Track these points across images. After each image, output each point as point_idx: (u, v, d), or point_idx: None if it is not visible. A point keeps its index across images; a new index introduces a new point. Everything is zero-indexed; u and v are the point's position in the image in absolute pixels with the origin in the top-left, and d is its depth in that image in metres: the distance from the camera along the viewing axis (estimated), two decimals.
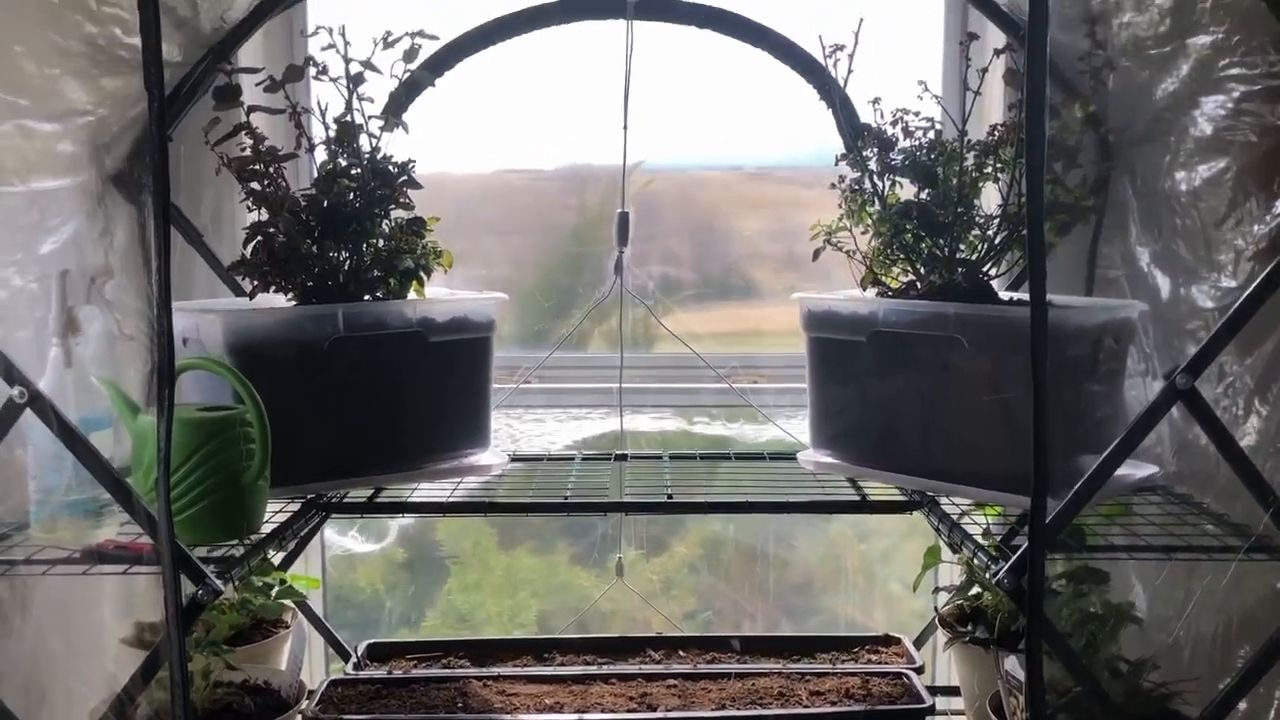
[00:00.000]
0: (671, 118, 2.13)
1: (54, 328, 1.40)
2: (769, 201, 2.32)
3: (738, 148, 2.23)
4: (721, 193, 2.31)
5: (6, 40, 1.36)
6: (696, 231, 2.32)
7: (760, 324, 2.35)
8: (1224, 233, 1.53)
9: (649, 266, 2.24)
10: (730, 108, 2.15)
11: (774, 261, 2.32)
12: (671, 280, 2.28)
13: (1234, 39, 1.37)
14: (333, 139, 1.70)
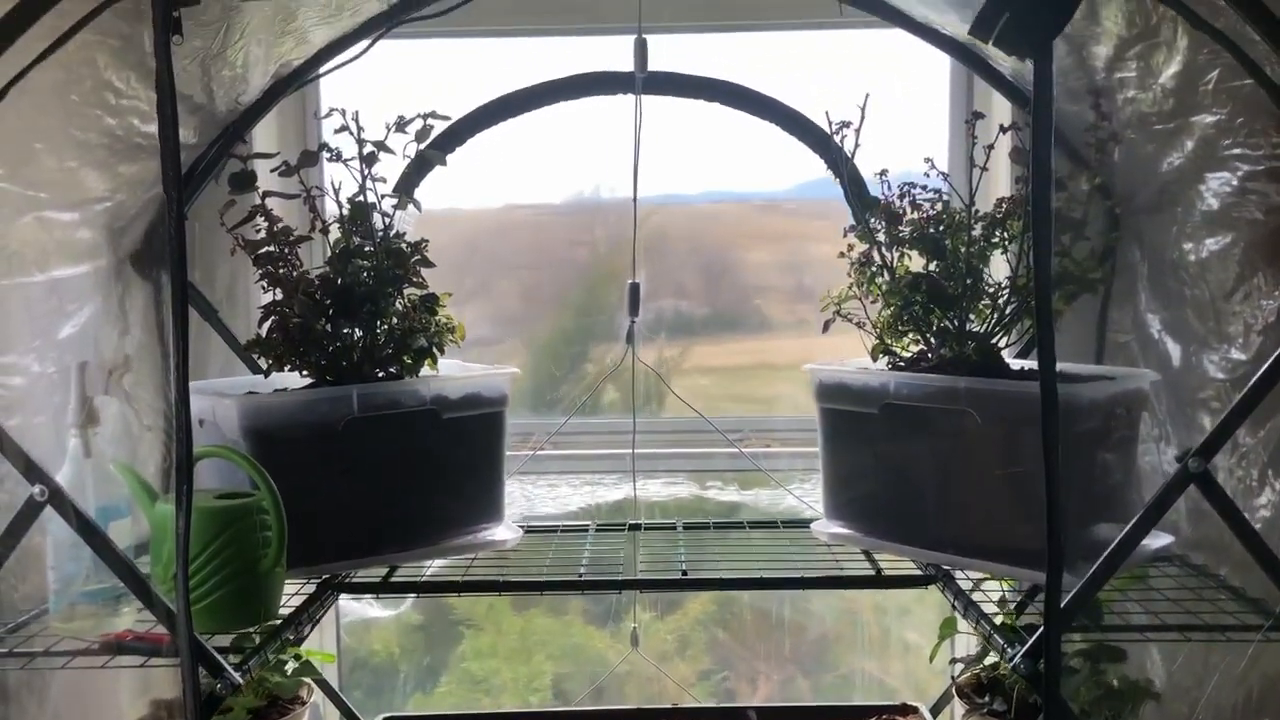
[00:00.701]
0: (679, 150, 2.13)
1: (73, 419, 1.42)
2: (778, 233, 2.33)
3: (745, 180, 2.23)
4: (730, 225, 2.32)
5: (28, 138, 1.38)
6: (706, 264, 2.33)
7: (771, 357, 2.35)
8: (1233, 304, 1.53)
9: (659, 300, 2.25)
10: (738, 140, 2.14)
11: (784, 293, 2.33)
12: (682, 313, 2.29)
13: (1237, 120, 1.38)
14: (346, 217, 1.72)
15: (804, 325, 2.31)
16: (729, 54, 2.17)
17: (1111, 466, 1.63)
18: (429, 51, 2.19)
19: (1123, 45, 1.49)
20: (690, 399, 2.11)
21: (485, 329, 2.34)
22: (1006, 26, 1.09)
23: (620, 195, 2.04)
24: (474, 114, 1.93)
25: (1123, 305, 1.88)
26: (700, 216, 2.31)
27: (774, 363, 2.35)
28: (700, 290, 2.33)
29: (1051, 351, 1.18)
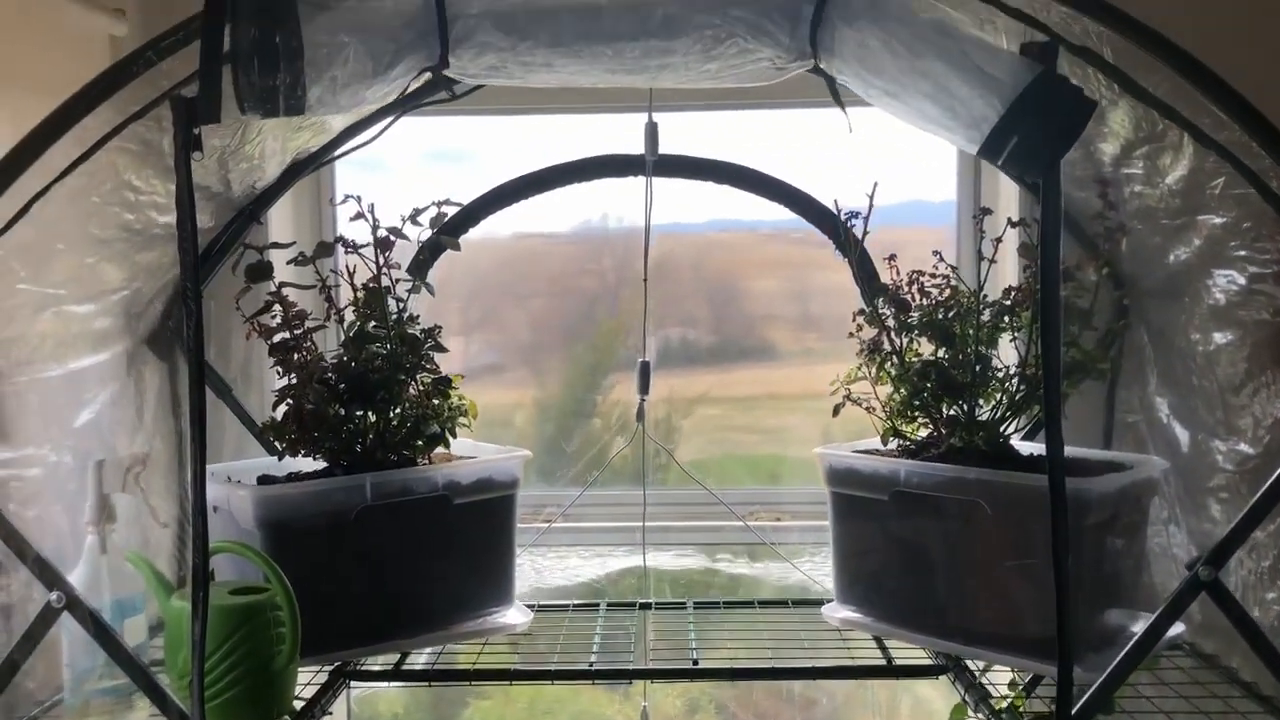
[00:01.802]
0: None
1: (90, 516, 1.43)
2: (784, 262, 2.33)
3: (752, 208, 2.20)
4: (736, 253, 2.32)
5: (49, 240, 1.40)
6: (712, 292, 2.33)
7: (778, 387, 2.35)
8: (1241, 398, 1.54)
9: (666, 329, 2.26)
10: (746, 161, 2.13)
11: (790, 322, 2.33)
12: (688, 342, 2.29)
13: (1243, 224, 1.39)
14: (361, 301, 1.73)
15: (810, 354, 2.31)
16: (738, 129, 2.19)
17: (1121, 553, 1.64)
18: (444, 125, 2.21)
19: (1129, 146, 1.51)
20: (697, 432, 2.10)
21: (493, 357, 2.35)
22: (1015, 149, 1.11)
23: (628, 224, 2.05)
24: (486, 197, 1.95)
25: (1131, 385, 1.89)
26: (706, 244, 2.31)
27: (781, 393, 2.35)
28: (706, 319, 2.33)
29: (1061, 467, 1.18)
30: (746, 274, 2.33)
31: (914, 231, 2.22)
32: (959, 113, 1.12)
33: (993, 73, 1.11)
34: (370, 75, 1.15)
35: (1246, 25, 1.80)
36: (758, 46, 1.18)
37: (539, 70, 1.19)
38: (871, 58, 1.15)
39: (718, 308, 2.33)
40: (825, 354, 2.24)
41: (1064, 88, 1.10)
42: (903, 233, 2.18)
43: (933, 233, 2.22)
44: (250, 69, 1.11)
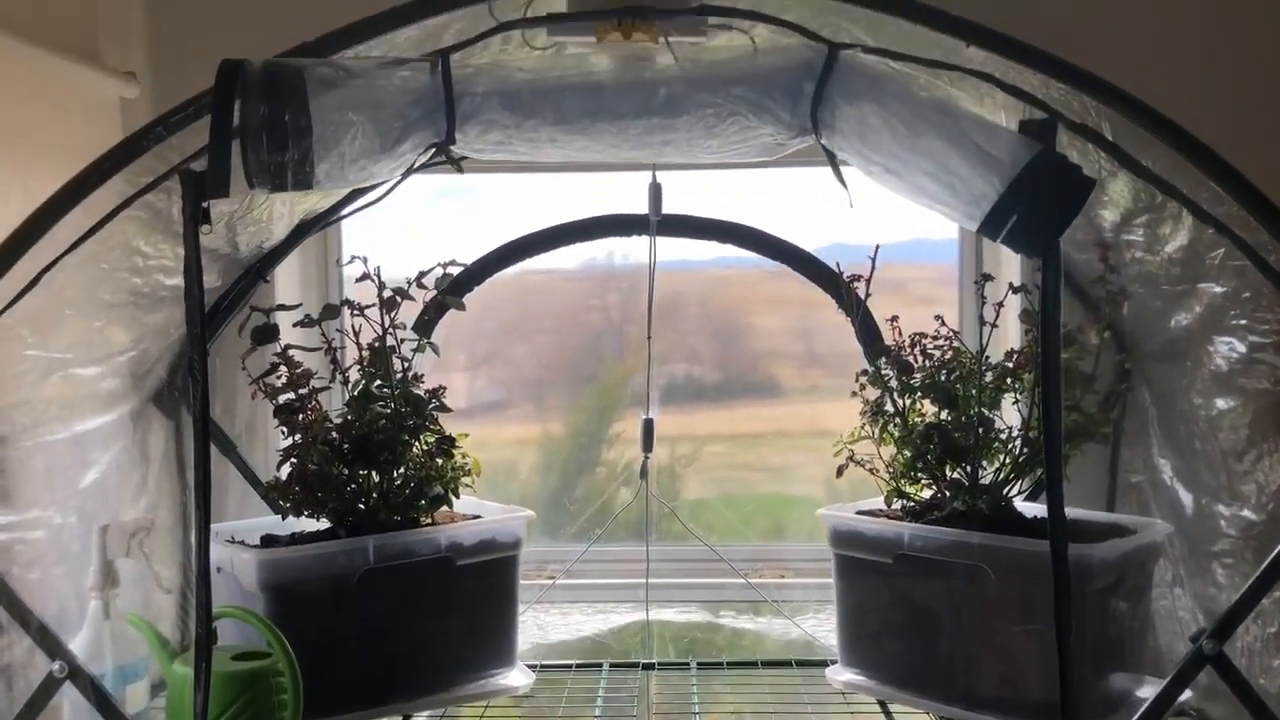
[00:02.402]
0: (690, 213, 2.09)
1: (94, 581, 1.43)
2: (789, 299, 2.32)
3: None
4: (742, 290, 2.32)
5: (58, 307, 1.41)
6: (717, 329, 2.33)
7: (784, 424, 2.34)
8: (1245, 464, 1.54)
9: (671, 365, 2.25)
10: (749, 205, 2.14)
11: (795, 359, 2.33)
12: (693, 379, 2.29)
13: (1243, 294, 1.40)
14: (366, 361, 1.74)
15: (815, 391, 2.31)
16: (741, 177, 2.20)
17: (1125, 616, 1.64)
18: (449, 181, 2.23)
19: (1130, 214, 1.52)
20: (702, 470, 2.10)
21: (498, 393, 2.35)
22: (1014, 228, 1.12)
23: (634, 261, 2.05)
24: (489, 257, 1.97)
25: (1134, 446, 1.89)
26: (711, 281, 2.31)
27: (787, 430, 2.34)
28: (712, 355, 2.33)
29: (1064, 539, 1.18)
30: (752, 310, 2.33)
31: (917, 269, 2.23)
32: (959, 190, 1.13)
33: (992, 151, 1.12)
34: (378, 151, 1.17)
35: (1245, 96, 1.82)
36: (759, 124, 1.19)
37: (544, 146, 1.20)
38: (872, 135, 1.17)
39: (723, 344, 2.34)
40: (830, 391, 2.24)
41: (1063, 167, 1.12)
42: (906, 270, 2.20)
43: (936, 269, 2.23)
44: (259, 146, 1.13)
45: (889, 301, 1.90)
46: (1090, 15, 1.85)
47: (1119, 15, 1.87)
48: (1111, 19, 1.86)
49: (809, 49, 1.18)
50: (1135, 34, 1.85)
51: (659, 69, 1.20)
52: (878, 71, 1.17)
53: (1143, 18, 1.87)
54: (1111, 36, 1.82)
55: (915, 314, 2.22)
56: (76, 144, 1.75)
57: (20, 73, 1.55)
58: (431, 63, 1.18)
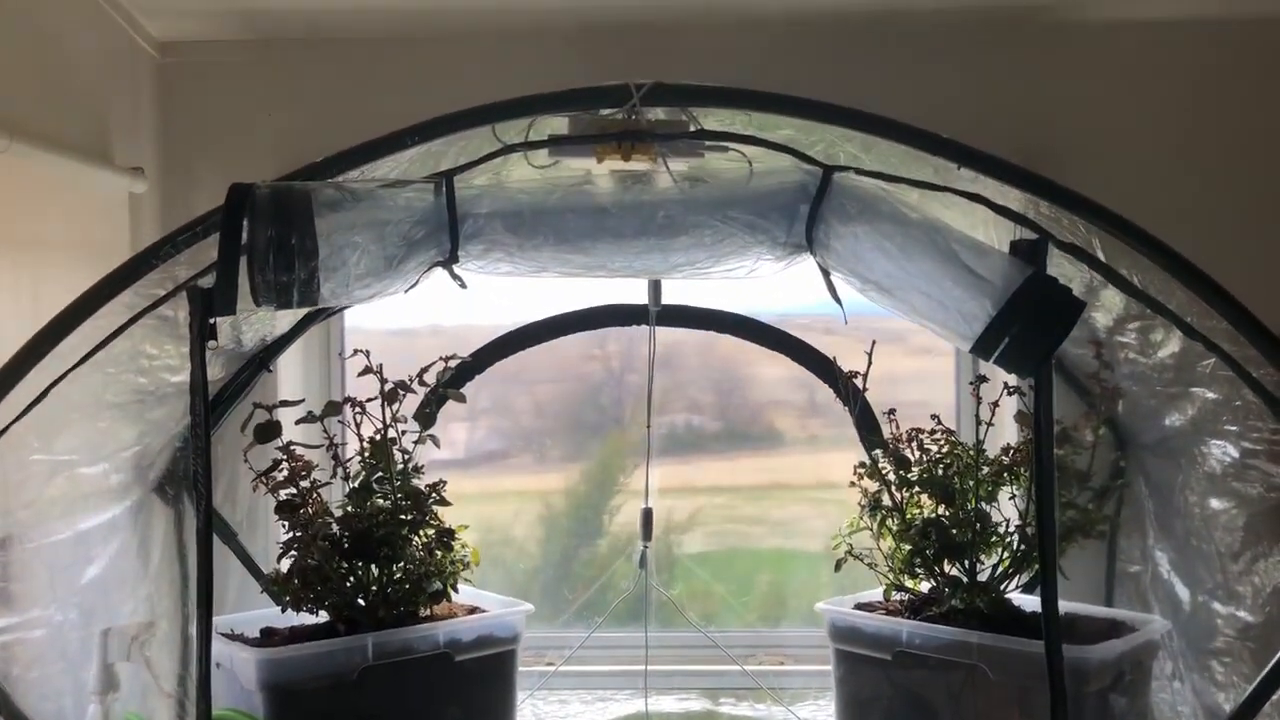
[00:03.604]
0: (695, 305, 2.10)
1: (94, 685, 1.44)
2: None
3: (757, 295, 2.19)
4: (741, 340, 2.26)
5: (64, 412, 1.43)
6: (717, 379, 2.33)
7: (784, 475, 2.34)
8: (1240, 565, 1.55)
9: (671, 415, 2.26)
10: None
11: (795, 409, 2.32)
12: (694, 429, 2.29)
13: (1234, 402, 1.42)
14: (367, 454, 1.75)
15: (816, 441, 2.31)
16: None
17: (1124, 711, 1.63)
18: None
19: (1122, 319, 1.54)
20: (704, 523, 2.12)
21: (498, 443, 2.36)
22: (1006, 349, 1.14)
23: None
24: (490, 348, 1.99)
25: (1131, 535, 1.90)
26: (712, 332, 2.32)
27: (788, 482, 2.34)
28: (712, 405, 2.33)
29: (1059, 657, 1.19)
30: (752, 360, 2.31)
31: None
32: (950, 311, 1.15)
33: (983, 273, 1.14)
34: (383, 270, 1.19)
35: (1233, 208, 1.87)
36: (755, 243, 1.22)
37: (546, 263, 1.23)
38: (865, 254, 1.19)
39: (723, 394, 2.34)
40: (831, 441, 2.25)
41: (1054, 290, 1.14)
42: (905, 321, 2.19)
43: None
44: (266, 267, 1.15)
45: (889, 351, 1.90)
46: (1079, 131, 1.90)
47: (1109, 129, 1.92)
48: (1101, 133, 1.91)
49: (804, 171, 1.21)
50: (1124, 147, 1.90)
51: (658, 191, 1.23)
52: (871, 193, 1.20)
53: (1131, 131, 1.92)
54: (1100, 151, 1.88)
55: (915, 364, 2.24)
56: (86, 240, 1.79)
57: (32, 175, 1.59)
58: (435, 184, 1.21)
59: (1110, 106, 1.94)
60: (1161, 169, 1.89)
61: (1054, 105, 1.94)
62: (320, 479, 1.72)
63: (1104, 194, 1.26)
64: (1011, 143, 1.30)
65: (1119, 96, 1.94)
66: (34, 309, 1.49)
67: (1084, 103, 1.94)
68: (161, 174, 1.94)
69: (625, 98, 1.21)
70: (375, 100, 1.95)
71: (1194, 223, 1.39)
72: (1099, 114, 1.94)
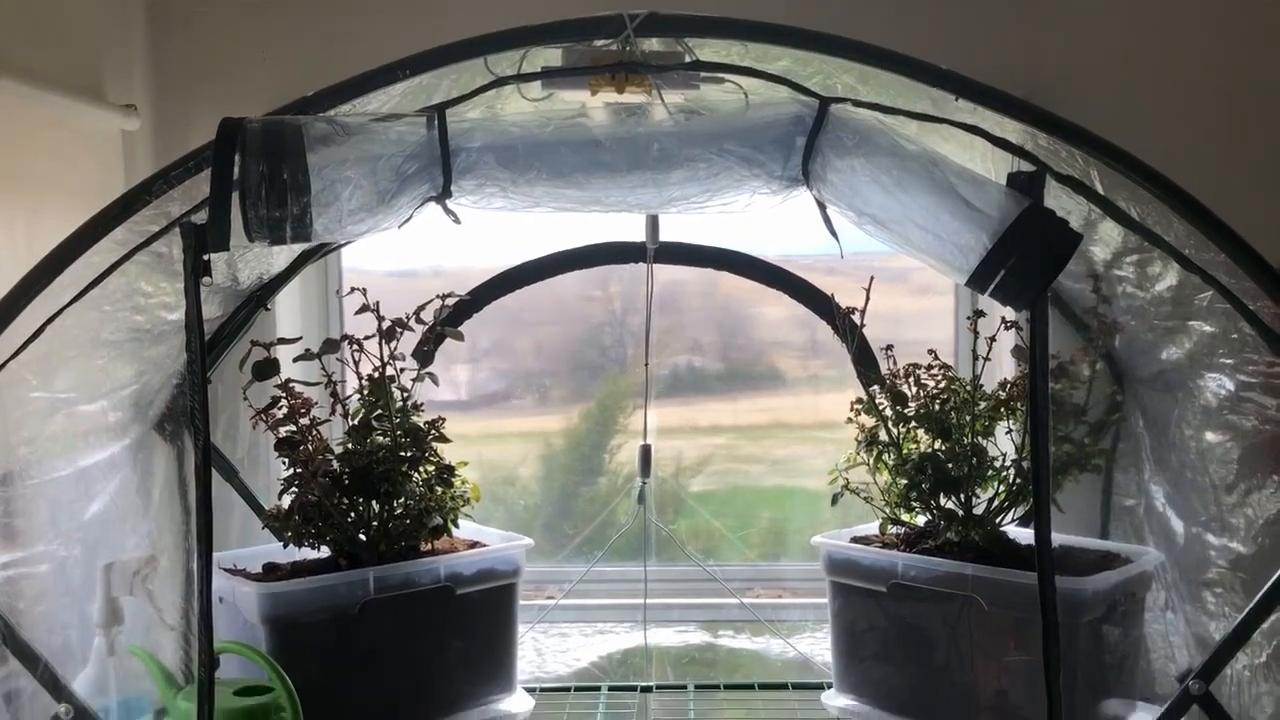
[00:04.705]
0: (693, 241, 2.10)
1: (98, 619, 1.46)
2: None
3: (758, 236, 2.20)
4: (744, 280, 2.28)
5: (61, 350, 1.43)
6: (720, 320, 2.35)
7: (785, 415, 2.36)
8: (1234, 497, 1.56)
9: (673, 357, 2.27)
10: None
11: (797, 349, 2.34)
12: (696, 370, 2.31)
13: (1231, 335, 1.42)
14: (366, 392, 1.76)
15: (817, 381, 2.33)
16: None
17: (1118, 643, 1.66)
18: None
19: (1120, 253, 1.54)
20: (706, 463, 2.15)
21: (500, 384, 2.37)
22: (1002, 282, 1.14)
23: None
24: (488, 285, 1.98)
25: (1127, 470, 1.91)
26: (714, 271, 2.26)
27: (788, 421, 2.36)
28: (714, 346, 2.35)
29: (1052, 589, 1.20)
30: (754, 301, 2.33)
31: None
32: (946, 244, 1.15)
33: (980, 206, 1.13)
34: (375, 205, 1.18)
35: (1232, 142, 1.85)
36: (750, 176, 1.21)
37: (540, 198, 1.22)
38: (862, 188, 1.18)
39: (725, 335, 2.35)
40: (832, 381, 2.26)
41: (1050, 221, 1.13)
42: (907, 260, 2.18)
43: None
44: (259, 202, 1.15)
45: (891, 291, 1.90)
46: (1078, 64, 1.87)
47: (1106, 64, 1.89)
48: (1099, 67, 1.89)
49: (800, 103, 1.20)
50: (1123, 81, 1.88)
51: (652, 124, 1.22)
52: (868, 125, 1.19)
53: (1129, 65, 1.90)
54: (1099, 84, 1.85)
55: (917, 304, 2.24)
56: (79, 178, 1.78)
57: (23, 113, 1.57)
58: (428, 117, 1.20)
59: (1111, 40, 1.92)
60: (1160, 103, 1.87)
61: (1055, 38, 1.91)
62: (319, 417, 1.73)
63: (1103, 128, 1.25)
64: (1011, 76, 1.28)
65: (1120, 30, 1.92)
66: (28, 248, 1.49)
67: (1085, 36, 1.91)
68: (155, 111, 1.92)
69: (619, 28, 1.20)
70: (368, 35, 1.93)
71: (1193, 158, 1.38)
72: (1100, 48, 1.91)
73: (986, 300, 1.99)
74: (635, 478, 2.11)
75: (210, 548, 1.19)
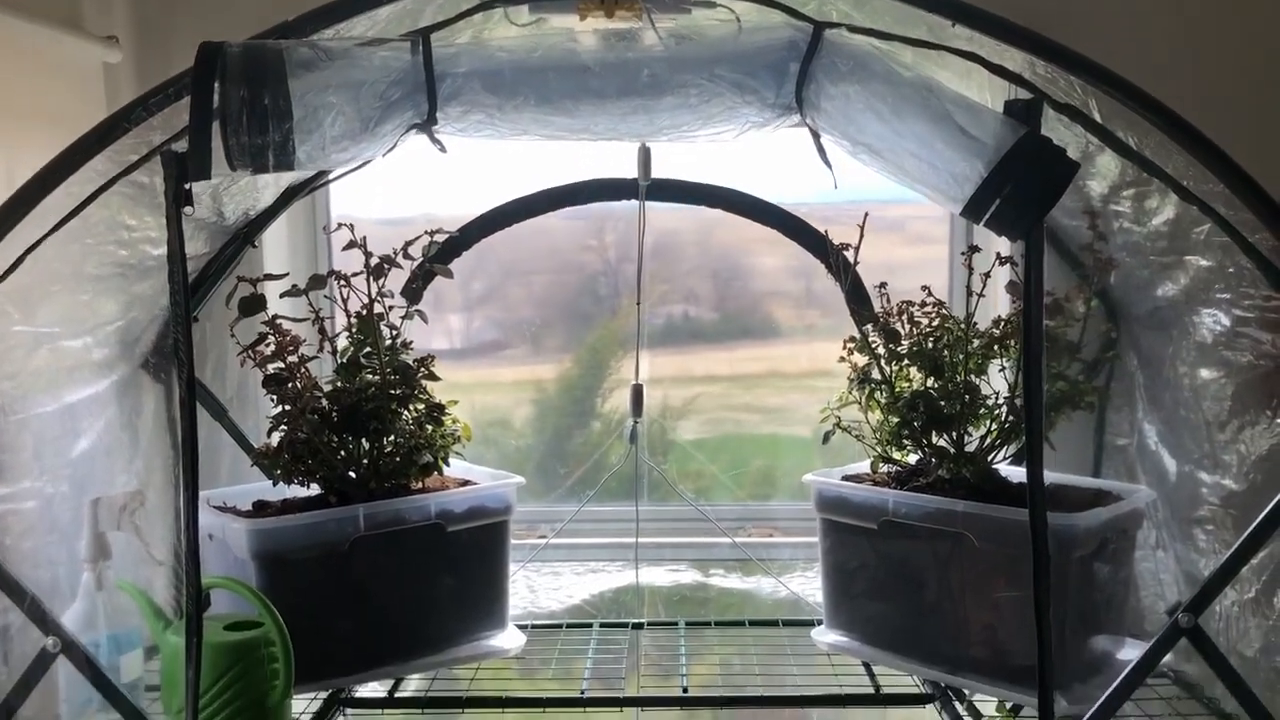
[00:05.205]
0: (689, 154, 2.08)
1: (86, 554, 1.45)
2: (787, 239, 2.31)
3: (755, 184, 2.17)
4: (739, 230, 2.27)
5: (44, 283, 1.41)
6: (715, 269, 2.33)
7: (780, 364, 2.36)
8: (1227, 434, 1.55)
9: (668, 306, 2.26)
10: (743, 152, 2.07)
11: (793, 299, 2.33)
12: (691, 319, 2.30)
13: (1228, 269, 1.40)
14: (354, 329, 1.74)
15: (813, 330, 2.32)
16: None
17: (1108, 580, 1.66)
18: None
19: (1117, 187, 1.52)
20: (699, 411, 2.14)
21: (494, 333, 2.36)
22: (997, 211, 1.12)
23: (630, 202, 2.04)
24: (477, 222, 1.96)
25: (1120, 410, 1.90)
26: (710, 220, 2.27)
27: (783, 370, 2.36)
28: (709, 296, 2.34)
29: (1043, 522, 1.20)
30: (750, 250, 2.31)
31: (915, 208, 2.20)
32: (941, 172, 1.13)
33: (975, 134, 1.11)
34: (359, 132, 1.16)
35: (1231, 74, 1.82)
36: (743, 103, 1.18)
37: (527, 125, 1.19)
38: (856, 115, 1.16)
39: (721, 284, 2.33)
40: (827, 330, 2.24)
41: (1047, 150, 1.11)
42: (904, 209, 2.19)
43: (934, 207, 2.18)
44: (240, 129, 1.12)
45: (886, 241, 1.88)
46: None
47: None
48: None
49: (794, 28, 1.17)
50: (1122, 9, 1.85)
51: (643, 49, 1.19)
52: (863, 51, 1.16)
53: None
54: (1098, 13, 1.82)
55: (912, 252, 2.23)
56: (60, 111, 1.74)
57: (1, 44, 1.54)
58: (412, 42, 1.17)
59: None
60: (1161, 34, 1.84)
61: None
62: (307, 354, 1.71)
63: (1103, 59, 1.23)
64: (1011, 2, 1.25)
65: None
66: (7, 180, 1.46)
67: None
68: (137, 44, 1.88)
69: None
70: None
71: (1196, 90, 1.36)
72: None
73: (983, 235, 1.99)
74: (628, 419, 2.11)
75: (195, 479, 1.17)
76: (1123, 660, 1.55)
